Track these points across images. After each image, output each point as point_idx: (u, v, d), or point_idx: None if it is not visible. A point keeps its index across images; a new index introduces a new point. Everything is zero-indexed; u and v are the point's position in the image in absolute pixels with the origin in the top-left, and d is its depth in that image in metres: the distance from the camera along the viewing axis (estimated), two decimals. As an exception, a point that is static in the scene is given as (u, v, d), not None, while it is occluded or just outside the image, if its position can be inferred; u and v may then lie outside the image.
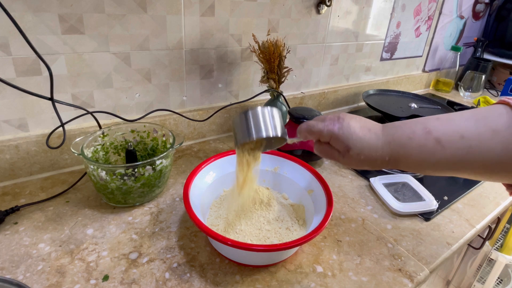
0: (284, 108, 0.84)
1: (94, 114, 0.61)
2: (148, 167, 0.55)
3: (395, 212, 0.62)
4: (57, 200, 0.58)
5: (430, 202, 0.64)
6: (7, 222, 0.52)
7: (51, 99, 0.53)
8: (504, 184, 0.41)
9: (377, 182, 0.69)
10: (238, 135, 0.45)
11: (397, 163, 0.41)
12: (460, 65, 1.47)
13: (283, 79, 0.82)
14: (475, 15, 1.56)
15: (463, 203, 0.68)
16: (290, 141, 0.47)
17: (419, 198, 0.66)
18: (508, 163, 0.34)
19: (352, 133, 0.41)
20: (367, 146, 0.41)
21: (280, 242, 0.48)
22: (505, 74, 1.63)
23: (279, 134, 0.44)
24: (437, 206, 0.64)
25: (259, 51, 0.79)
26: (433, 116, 0.40)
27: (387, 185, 0.69)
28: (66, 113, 0.62)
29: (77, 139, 0.57)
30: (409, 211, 0.62)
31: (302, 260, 0.50)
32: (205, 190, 0.56)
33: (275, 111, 0.45)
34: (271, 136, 0.43)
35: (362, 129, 0.41)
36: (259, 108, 0.44)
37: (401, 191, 0.68)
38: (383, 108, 1.03)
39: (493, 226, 0.77)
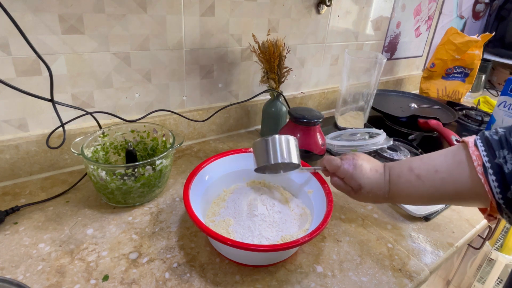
0: (284, 108, 0.84)
1: (94, 114, 0.61)
2: (148, 167, 0.55)
3: (412, 215, 0.61)
4: (57, 200, 0.58)
5: None
6: (7, 222, 0.52)
7: (51, 100, 0.53)
8: (480, 210, 0.45)
9: None
10: (258, 159, 0.50)
11: (393, 198, 0.49)
12: (460, 65, 1.47)
13: (283, 79, 0.82)
14: (475, 15, 1.56)
15: (463, 203, 0.68)
16: (311, 169, 0.55)
17: None
18: (473, 189, 0.39)
19: (364, 173, 0.49)
20: (376, 185, 0.48)
21: (280, 242, 0.48)
22: (505, 74, 1.63)
23: (297, 162, 0.50)
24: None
25: (259, 51, 0.79)
26: (417, 157, 0.47)
27: None
28: (66, 113, 0.62)
29: (77, 139, 0.57)
30: (426, 212, 0.61)
31: (302, 260, 0.50)
32: (205, 190, 0.56)
33: (292, 139, 0.51)
34: (290, 162, 0.49)
35: (371, 171, 0.49)
36: (277, 136, 0.50)
37: None
38: (383, 108, 1.03)
39: (493, 226, 0.77)
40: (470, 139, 0.40)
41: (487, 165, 0.37)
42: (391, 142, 0.79)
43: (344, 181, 0.51)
